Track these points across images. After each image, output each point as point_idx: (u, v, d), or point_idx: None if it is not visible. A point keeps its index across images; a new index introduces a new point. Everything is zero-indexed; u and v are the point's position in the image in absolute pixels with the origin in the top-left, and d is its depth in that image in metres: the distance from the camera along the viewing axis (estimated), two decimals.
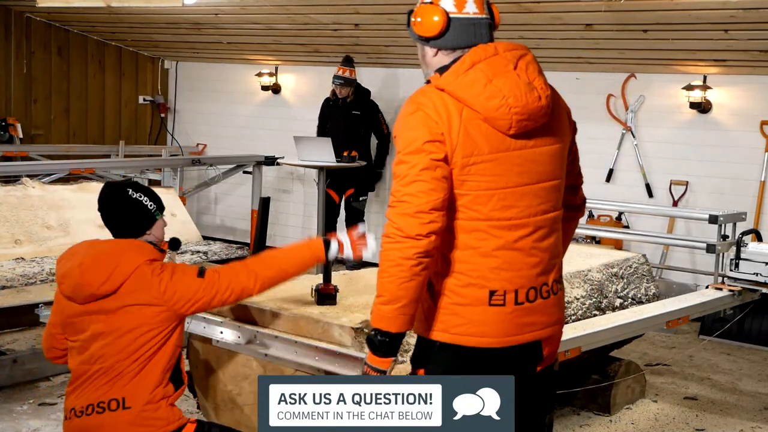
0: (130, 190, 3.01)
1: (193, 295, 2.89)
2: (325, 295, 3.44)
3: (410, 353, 3.24)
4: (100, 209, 3.03)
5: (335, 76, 7.74)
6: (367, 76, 8.66)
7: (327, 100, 8.00)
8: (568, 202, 2.54)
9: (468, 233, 2.31)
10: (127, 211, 2.99)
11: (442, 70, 2.33)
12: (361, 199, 7.92)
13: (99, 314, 2.87)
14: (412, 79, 8.44)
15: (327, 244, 3.01)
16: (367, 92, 7.98)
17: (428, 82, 2.38)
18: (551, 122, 2.37)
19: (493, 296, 2.32)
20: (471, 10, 2.35)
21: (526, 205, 2.33)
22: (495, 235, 2.31)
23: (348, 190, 7.86)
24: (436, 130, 2.25)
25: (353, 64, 7.78)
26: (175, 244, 3.21)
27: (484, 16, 2.37)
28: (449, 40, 2.35)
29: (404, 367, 2.99)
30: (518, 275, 2.34)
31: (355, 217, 7.91)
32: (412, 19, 2.38)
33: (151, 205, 3.02)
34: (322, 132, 8.03)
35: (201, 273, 2.94)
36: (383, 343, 2.30)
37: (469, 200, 2.29)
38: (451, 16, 2.33)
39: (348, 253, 3.02)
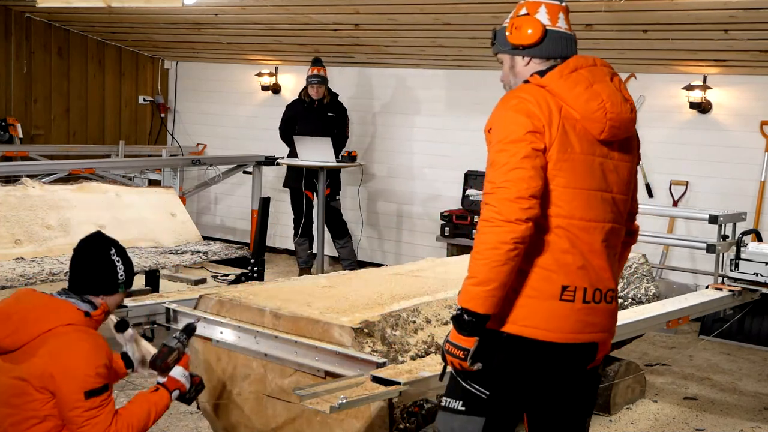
0: (114, 251, 2.89)
1: (63, 407, 2.64)
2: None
3: (410, 353, 3.26)
4: (75, 250, 2.90)
5: (312, 76, 7.72)
6: (368, 76, 8.67)
7: (299, 102, 7.93)
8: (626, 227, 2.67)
9: (549, 229, 2.40)
10: (97, 266, 2.85)
11: (540, 74, 2.48)
12: (336, 198, 7.94)
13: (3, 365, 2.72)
14: (414, 79, 8.45)
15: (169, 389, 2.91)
16: (336, 94, 8.00)
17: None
18: (629, 142, 2.56)
19: (564, 291, 2.41)
20: (562, 26, 2.54)
21: (602, 210, 2.45)
22: (573, 233, 2.41)
23: (324, 190, 7.86)
24: (538, 122, 2.37)
25: (323, 63, 7.81)
26: (121, 325, 3.02)
27: (571, 33, 2.57)
28: (544, 49, 2.51)
29: (403, 367, 2.99)
30: (588, 274, 2.43)
31: (333, 216, 7.90)
32: (507, 32, 2.53)
33: (121, 276, 2.88)
34: (288, 134, 7.90)
35: (90, 394, 2.63)
36: (470, 323, 2.34)
37: (555, 196, 2.40)
38: (547, 28, 2.51)
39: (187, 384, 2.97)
